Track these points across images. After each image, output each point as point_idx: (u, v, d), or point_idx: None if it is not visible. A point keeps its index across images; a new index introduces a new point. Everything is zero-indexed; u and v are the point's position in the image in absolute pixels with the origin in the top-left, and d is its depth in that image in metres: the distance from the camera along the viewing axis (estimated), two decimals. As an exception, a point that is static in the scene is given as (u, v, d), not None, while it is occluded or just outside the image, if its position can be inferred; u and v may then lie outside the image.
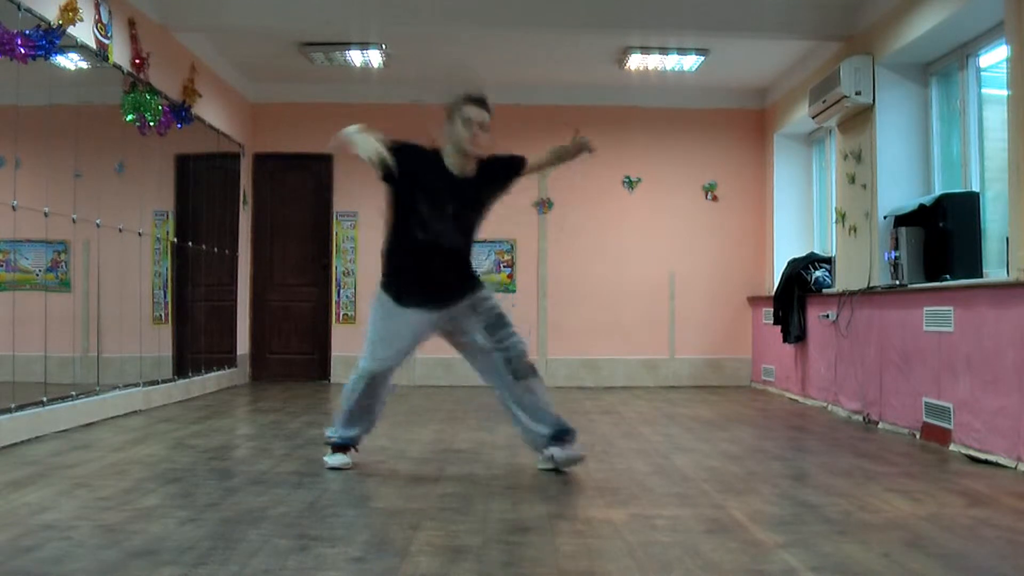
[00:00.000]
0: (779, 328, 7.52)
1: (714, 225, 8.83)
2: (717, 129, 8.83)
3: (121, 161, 6.22)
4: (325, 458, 4.09)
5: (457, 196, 3.89)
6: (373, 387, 3.97)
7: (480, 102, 3.86)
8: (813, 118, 6.98)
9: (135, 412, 6.05)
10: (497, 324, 3.99)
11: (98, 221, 5.70)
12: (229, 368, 8.16)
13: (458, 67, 6.57)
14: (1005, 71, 4.66)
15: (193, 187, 7.40)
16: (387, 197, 3.93)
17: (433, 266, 3.90)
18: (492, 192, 4.03)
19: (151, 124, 6.17)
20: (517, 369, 3.96)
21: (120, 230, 6.03)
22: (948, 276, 5.17)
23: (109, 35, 5.64)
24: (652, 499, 3.52)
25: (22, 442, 4.65)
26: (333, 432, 4.13)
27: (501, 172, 4.04)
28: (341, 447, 4.10)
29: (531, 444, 4.10)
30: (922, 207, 5.56)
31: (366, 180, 8.78)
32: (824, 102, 6.55)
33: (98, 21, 5.48)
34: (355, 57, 7.66)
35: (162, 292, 6.92)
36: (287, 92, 8.69)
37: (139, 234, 6.31)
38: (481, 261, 8.77)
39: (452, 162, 3.89)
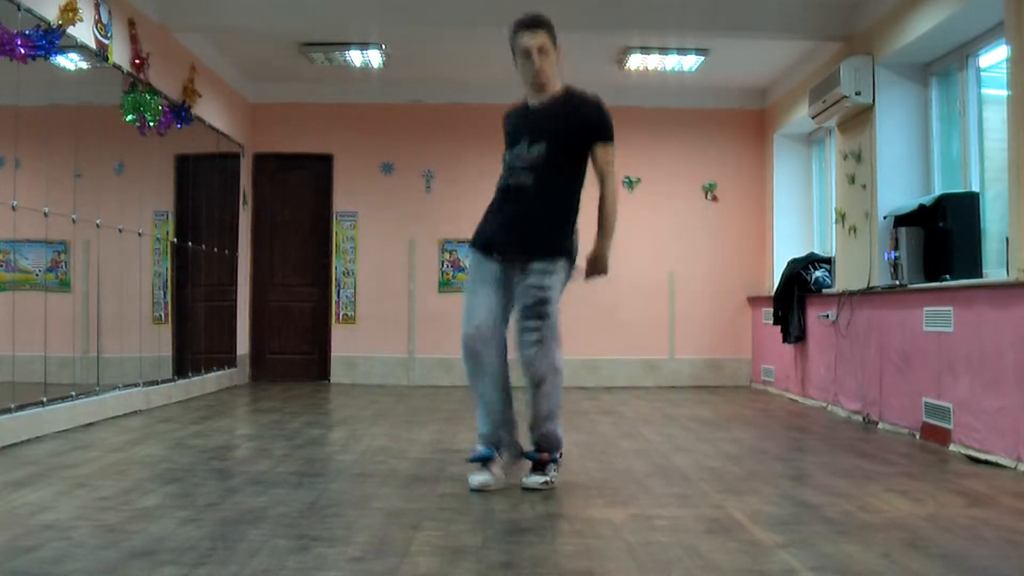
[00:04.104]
0: (779, 328, 7.52)
1: (714, 225, 8.82)
2: (717, 129, 8.82)
3: (121, 161, 6.22)
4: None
5: (533, 127, 3.53)
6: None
7: (528, 25, 3.47)
8: (813, 118, 6.98)
9: (135, 412, 6.05)
10: (530, 311, 3.54)
11: (98, 221, 5.70)
12: (229, 368, 8.15)
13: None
14: (1005, 71, 4.66)
15: (193, 187, 7.40)
16: None
17: (508, 210, 3.53)
18: (575, 129, 3.55)
19: (151, 124, 6.17)
20: (525, 375, 3.63)
21: (120, 230, 6.03)
22: (948, 276, 5.17)
23: (109, 35, 5.64)
24: (652, 499, 3.52)
25: (22, 442, 4.65)
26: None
27: (582, 121, 3.56)
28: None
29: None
30: (922, 207, 5.56)
31: (366, 180, 8.86)
32: (824, 102, 6.55)
33: (98, 21, 5.48)
34: (355, 57, 7.65)
35: (162, 292, 6.92)
36: (287, 92, 8.69)
37: (139, 234, 6.31)
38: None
39: (530, 97, 3.60)
